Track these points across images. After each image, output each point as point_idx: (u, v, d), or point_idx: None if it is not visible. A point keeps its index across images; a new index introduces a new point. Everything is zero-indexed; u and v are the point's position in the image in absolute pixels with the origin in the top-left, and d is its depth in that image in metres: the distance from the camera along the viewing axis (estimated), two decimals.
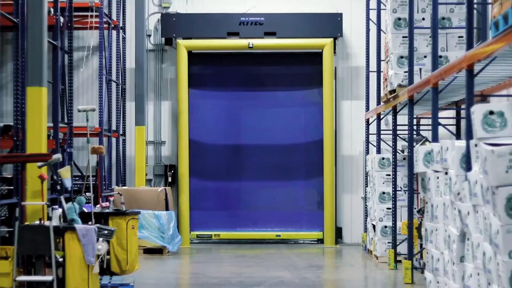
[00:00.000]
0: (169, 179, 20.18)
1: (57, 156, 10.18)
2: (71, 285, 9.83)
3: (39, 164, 10.19)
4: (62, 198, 10.09)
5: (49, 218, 9.85)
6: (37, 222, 10.07)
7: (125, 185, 19.55)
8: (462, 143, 9.30)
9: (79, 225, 9.86)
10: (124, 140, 19.94)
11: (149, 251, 17.01)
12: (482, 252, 8.03)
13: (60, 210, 10.02)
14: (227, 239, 20.05)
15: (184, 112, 19.85)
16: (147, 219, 16.82)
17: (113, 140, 19.27)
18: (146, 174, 20.05)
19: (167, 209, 17.91)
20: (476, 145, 8.18)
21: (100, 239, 9.96)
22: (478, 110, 8.07)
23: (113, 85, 19.19)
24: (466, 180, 8.67)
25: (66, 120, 15.21)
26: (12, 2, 11.93)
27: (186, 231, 19.56)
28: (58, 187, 10.46)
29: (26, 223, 10.28)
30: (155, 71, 20.46)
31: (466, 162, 9.02)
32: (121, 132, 19.70)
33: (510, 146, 7.37)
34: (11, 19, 11.72)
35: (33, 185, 10.46)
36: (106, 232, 10.03)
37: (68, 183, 10.35)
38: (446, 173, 9.78)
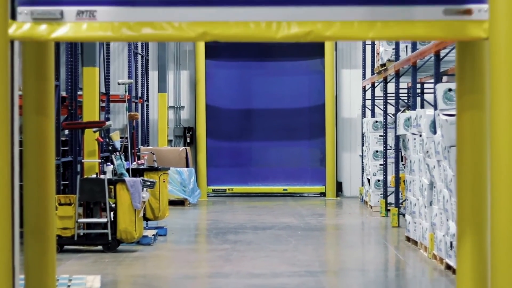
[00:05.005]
0: (188, 140, 22.07)
1: (109, 123, 12.24)
2: (122, 225, 11.60)
3: (95, 129, 12.21)
4: (113, 156, 12.24)
5: (103, 172, 11.95)
6: (94, 175, 12.05)
7: (148, 145, 21.40)
8: (431, 112, 11.42)
9: (127, 178, 11.87)
10: (147, 106, 21.72)
11: (172, 202, 18.14)
12: (443, 196, 10.33)
13: (112, 166, 12.04)
14: (239, 193, 21.85)
15: (201, 80, 21.64)
16: (171, 175, 18.25)
17: (139, 105, 20.95)
18: (168, 136, 21.96)
19: (187, 166, 19.64)
20: (438, 115, 10.41)
21: (145, 189, 12.05)
22: (440, 88, 10.35)
23: (138, 57, 20.89)
24: (433, 141, 10.90)
25: (104, 90, 17.14)
26: None
27: (204, 186, 21.33)
28: (110, 148, 12.35)
29: (85, 176, 12.43)
30: (175, 44, 22.14)
31: (433, 127, 11.05)
32: (145, 98, 21.44)
33: None
34: None
35: (88, 146, 12.47)
36: (149, 183, 12.20)
37: (117, 145, 12.39)
38: (420, 136, 11.79)
